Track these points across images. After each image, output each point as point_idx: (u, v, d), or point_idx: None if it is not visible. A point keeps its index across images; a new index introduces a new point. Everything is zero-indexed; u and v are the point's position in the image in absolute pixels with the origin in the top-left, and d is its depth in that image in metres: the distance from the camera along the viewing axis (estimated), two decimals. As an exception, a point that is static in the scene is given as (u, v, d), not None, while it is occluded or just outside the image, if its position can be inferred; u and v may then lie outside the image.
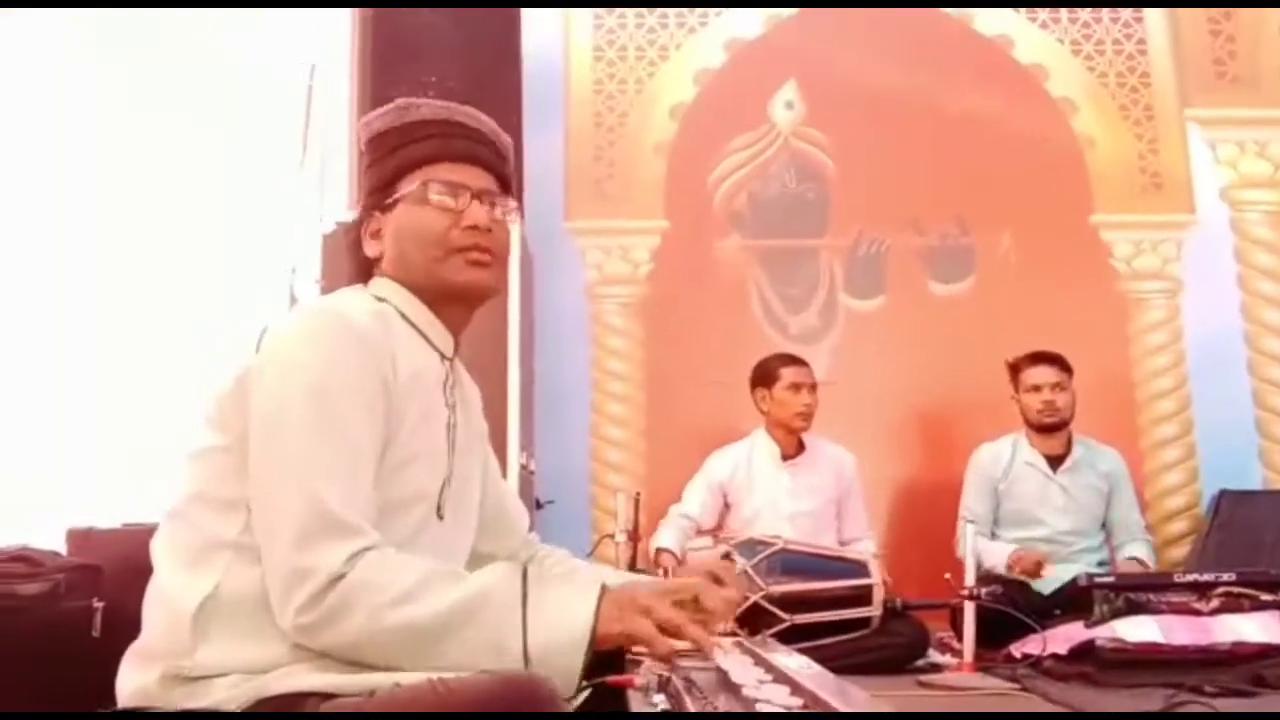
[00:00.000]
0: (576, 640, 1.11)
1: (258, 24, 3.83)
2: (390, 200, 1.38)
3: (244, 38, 3.81)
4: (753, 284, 4.17)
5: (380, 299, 1.37)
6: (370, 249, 1.40)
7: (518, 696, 1.04)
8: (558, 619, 1.13)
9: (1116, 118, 4.29)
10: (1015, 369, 3.52)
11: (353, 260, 1.42)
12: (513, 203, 1.44)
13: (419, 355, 1.34)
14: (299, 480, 1.16)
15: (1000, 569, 3.24)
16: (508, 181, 1.45)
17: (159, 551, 1.27)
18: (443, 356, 1.39)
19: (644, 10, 4.33)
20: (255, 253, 3.65)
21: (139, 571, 1.28)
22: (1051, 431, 3.46)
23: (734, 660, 1.18)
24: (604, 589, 1.16)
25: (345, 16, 3.43)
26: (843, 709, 0.86)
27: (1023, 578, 3.18)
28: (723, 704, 1.06)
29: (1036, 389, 3.44)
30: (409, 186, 1.37)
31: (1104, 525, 3.53)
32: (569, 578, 1.47)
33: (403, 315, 1.36)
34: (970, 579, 2.68)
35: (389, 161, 1.40)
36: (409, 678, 1.12)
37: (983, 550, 3.21)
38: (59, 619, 1.66)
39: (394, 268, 1.38)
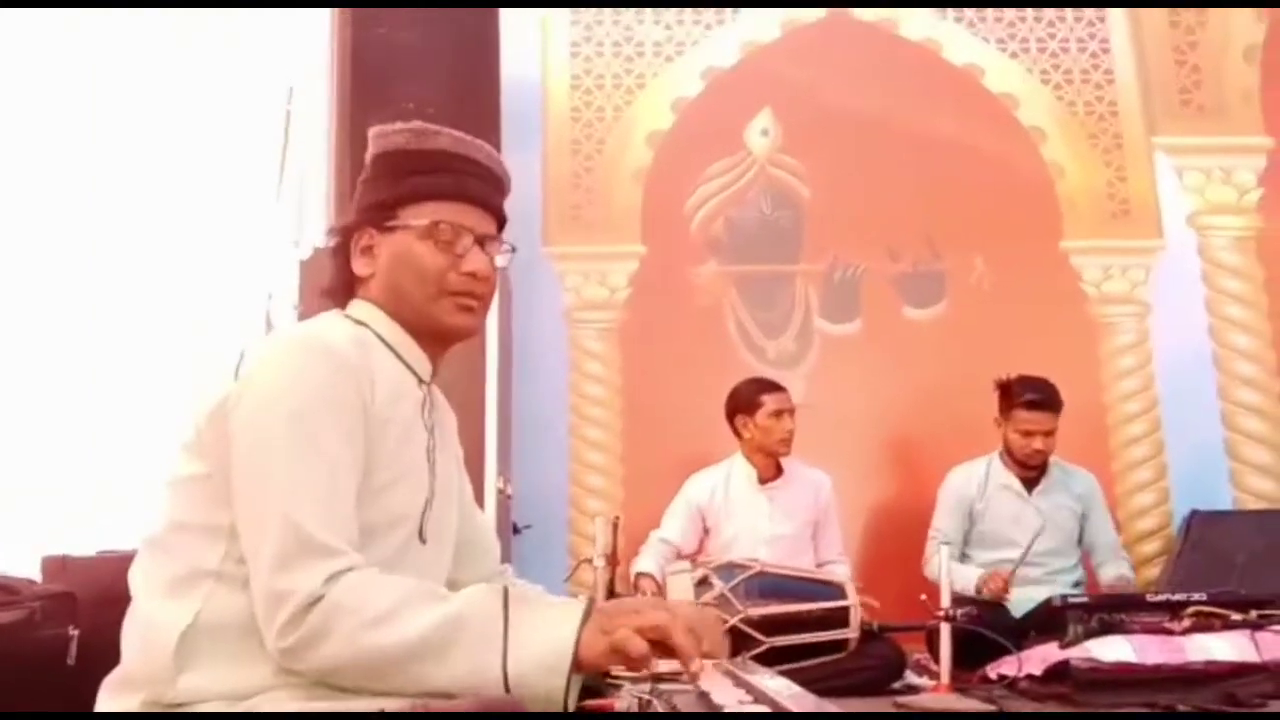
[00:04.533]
0: (558, 664, 1.08)
1: (234, 46, 3.83)
2: (391, 224, 1.37)
3: (220, 60, 3.82)
4: (729, 309, 4.21)
5: (359, 322, 1.37)
6: (360, 267, 1.39)
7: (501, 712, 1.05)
8: (539, 642, 1.10)
9: (1085, 146, 4.37)
10: (1007, 398, 3.46)
11: (335, 271, 1.41)
12: (507, 246, 1.45)
13: (397, 379, 1.34)
14: (278, 506, 1.15)
15: (969, 591, 3.25)
16: (505, 220, 1.46)
17: (138, 580, 1.26)
18: (420, 380, 1.39)
19: (621, 39, 4.37)
20: (231, 278, 3.64)
21: (115, 599, 1.27)
22: (1032, 469, 3.49)
23: (715, 682, 1.19)
24: (589, 609, 1.13)
25: (323, 41, 3.45)
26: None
27: (990, 597, 3.19)
28: (703, 725, 1.07)
29: (1028, 434, 3.41)
30: (415, 219, 1.36)
31: (1080, 545, 3.56)
32: (551, 600, 1.47)
33: (381, 340, 1.36)
34: (945, 600, 2.69)
35: (398, 183, 1.38)
36: (393, 704, 1.12)
37: (953, 573, 3.23)
38: (35, 647, 1.64)
39: (382, 293, 1.38)
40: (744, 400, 3.47)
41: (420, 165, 1.38)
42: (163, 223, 3.62)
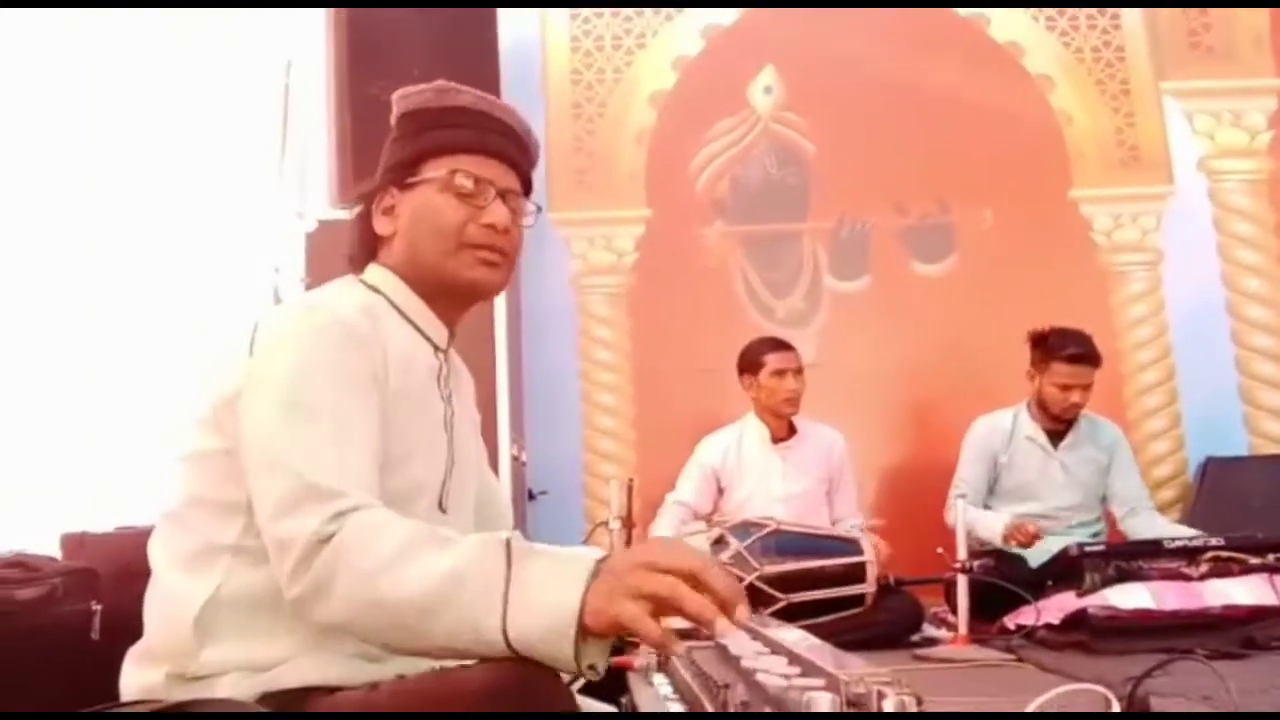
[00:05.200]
0: (561, 629, 0.99)
1: (233, 22, 3.81)
2: (411, 180, 1.35)
3: (220, 36, 3.79)
4: (737, 270, 4.19)
5: (373, 288, 1.35)
6: (381, 226, 1.37)
7: (519, 686, 1.02)
8: (541, 604, 1.00)
9: (1093, 92, 4.32)
10: (1044, 350, 3.38)
11: (359, 233, 1.39)
12: (532, 206, 1.42)
13: (411, 348, 1.32)
14: (279, 460, 1.13)
15: (995, 540, 3.25)
16: (531, 184, 1.43)
17: (157, 553, 1.26)
18: (436, 348, 1.37)
19: (619, -1, 4.32)
20: (238, 252, 3.64)
21: (135, 574, 1.28)
22: (1063, 422, 3.44)
23: (732, 635, 1.19)
24: (597, 568, 1.01)
25: (320, 12, 3.42)
26: (841, 676, 0.87)
27: (1017, 550, 3.19)
28: (720, 678, 1.08)
29: (1067, 388, 3.34)
30: (434, 171, 1.34)
31: (1103, 498, 3.54)
32: (559, 553, 1.14)
33: (395, 307, 1.34)
34: (962, 552, 2.69)
35: (418, 141, 1.36)
36: (414, 666, 1.12)
37: (976, 520, 3.22)
38: (57, 623, 1.67)
39: (400, 252, 1.36)
40: (749, 359, 3.46)
41: (438, 121, 1.36)
42: (163, 221, 3.61)
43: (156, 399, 3.26)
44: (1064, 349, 3.35)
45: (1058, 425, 3.45)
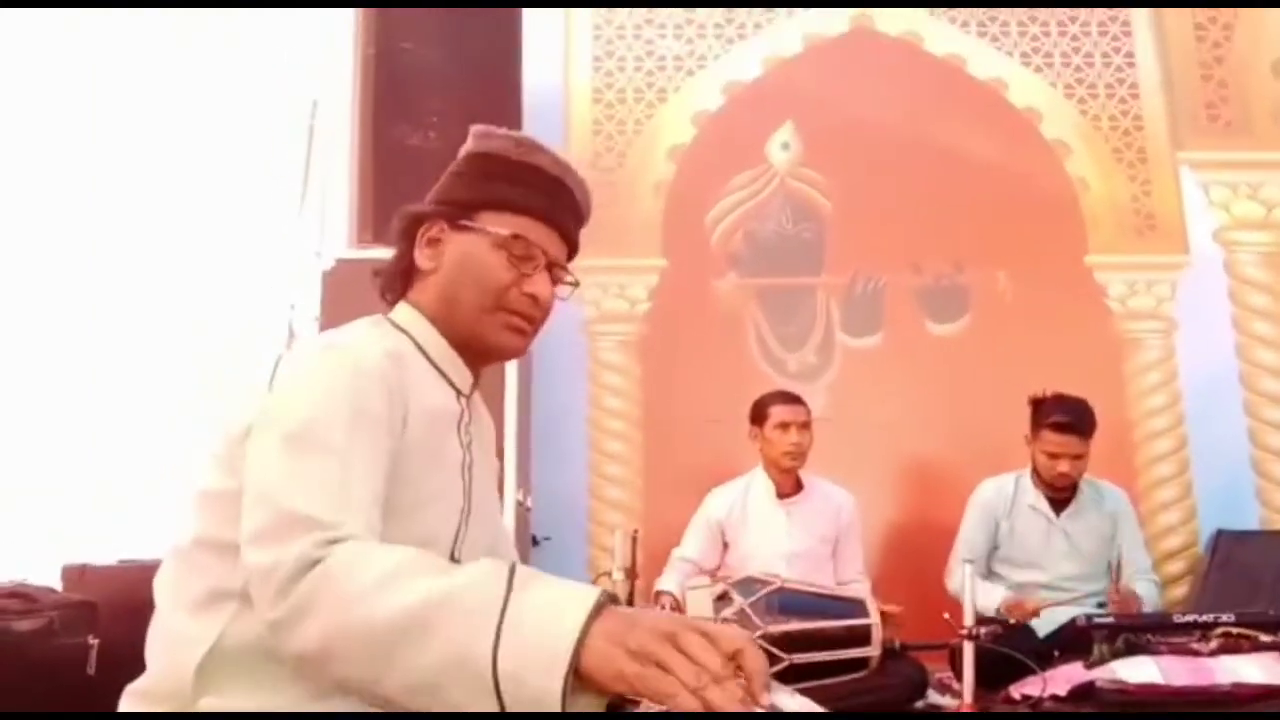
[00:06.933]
0: (554, 663, 0.88)
1: (259, 60, 3.86)
2: (466, 224, 1.34)
3: (245, 74, 3.84)
4: (750, 322, 4.19)
5: (401, 329, 1.33)
6: (423, 259, 1.35)
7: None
8: (537, 633, 0.90)
9: (1110, 160, 4.34)
10: (1037, 416, 3.33)
11: (396, 256, 1.38)
12: (572, 279, 1.42)
13: (435, 395, 1.31)
14: (268, 492, 1.09)
15: (990, 612, 3.20)
16: (577, 247, 1.45)
17: (163, 590, 1.24)
18: (459, 393, 1.36)
19: (642, 54, 4.38)
20: (254, 290, 3.65)
21: (135, 609, 1.26)
22: (1060, 490, 3.39)
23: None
24: (601, 603, 0.92)
25: (347, 54, 3.47)
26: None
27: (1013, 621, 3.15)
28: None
29: (1054, 457, 3.29)
30: (495, 226, 1.33)
31: (1110, 565, 3.49)
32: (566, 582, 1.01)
33: (422, 351, 1.33)
34: (969, 619, 2.66)
35: (485, 187, 1.36)
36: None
37: (975, 590, 3.19)
38: (54, 655, 1.65)
39: (435, 293, 1.35)
40: (757, 411, 3.45)
41: (512, 173, 1.36)
42: (164, 222, 3.62)
43: (155, 409, 3.26)
44: (1051, 416, 3.29)
45: (1059, 493, 3.39)
